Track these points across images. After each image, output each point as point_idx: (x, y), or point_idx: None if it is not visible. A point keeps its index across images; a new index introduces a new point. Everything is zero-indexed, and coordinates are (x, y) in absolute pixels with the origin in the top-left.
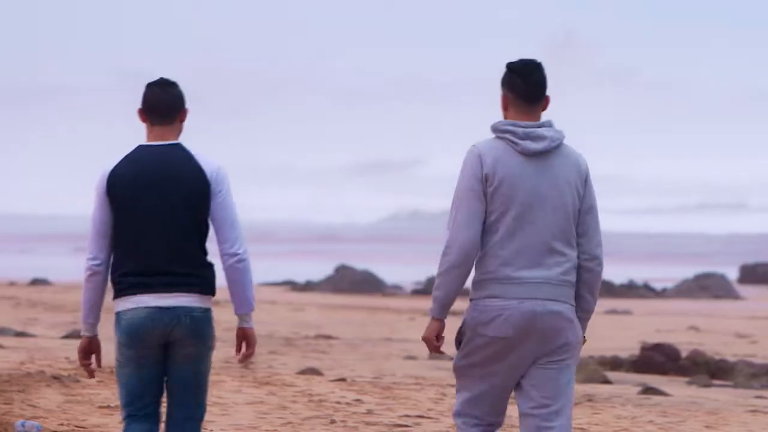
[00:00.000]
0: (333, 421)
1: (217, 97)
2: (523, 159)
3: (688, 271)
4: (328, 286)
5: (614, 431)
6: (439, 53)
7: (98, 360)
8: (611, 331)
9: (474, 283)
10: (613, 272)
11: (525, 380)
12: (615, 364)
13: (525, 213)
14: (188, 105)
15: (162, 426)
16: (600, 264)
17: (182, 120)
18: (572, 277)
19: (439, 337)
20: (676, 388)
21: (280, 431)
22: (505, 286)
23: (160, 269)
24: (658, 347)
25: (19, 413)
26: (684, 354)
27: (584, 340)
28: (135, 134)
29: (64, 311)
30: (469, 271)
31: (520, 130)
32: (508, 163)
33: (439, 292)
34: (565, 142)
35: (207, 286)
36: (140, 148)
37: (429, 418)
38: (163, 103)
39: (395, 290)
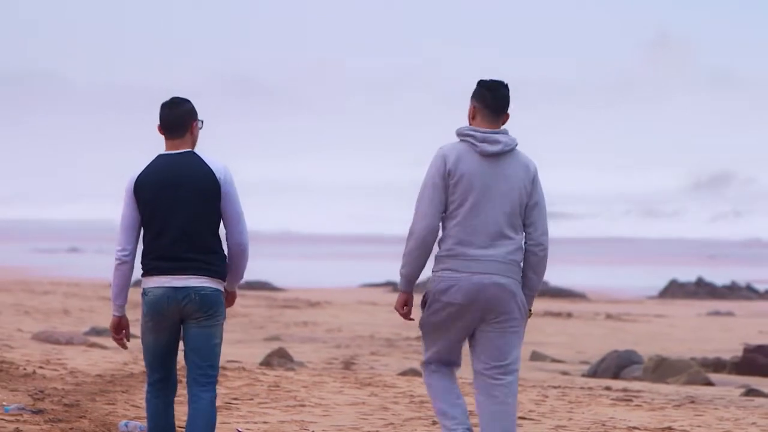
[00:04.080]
0: (435, 422)
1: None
2: (480, 159)
3: None
4: None
5: None
6: (531, 55)
7: (127, 334)
8: (714, 333)
9: (436, 258)
10: (716, 274)
11: (476, 345)
12: (717, 365)
13: (479, 202)
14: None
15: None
16: (543, 250)
17: (193, 132)
18: (517, 257)
19: (405, 306)
20: None
21: None
22: (459, 262)
23: (178, 256)
24: (760, 349)
25: (122, 413)
26: None
27: (530, 314)
28: (237, 138)
29: None
30: (428, 253)
31: (479, 134)
32: (467, 161)
33: (404, 270)
34: (518, 148)
35: (217, 271)
36: (160, 156)
37: (530, 419)
38: (173, 120)
39: None
